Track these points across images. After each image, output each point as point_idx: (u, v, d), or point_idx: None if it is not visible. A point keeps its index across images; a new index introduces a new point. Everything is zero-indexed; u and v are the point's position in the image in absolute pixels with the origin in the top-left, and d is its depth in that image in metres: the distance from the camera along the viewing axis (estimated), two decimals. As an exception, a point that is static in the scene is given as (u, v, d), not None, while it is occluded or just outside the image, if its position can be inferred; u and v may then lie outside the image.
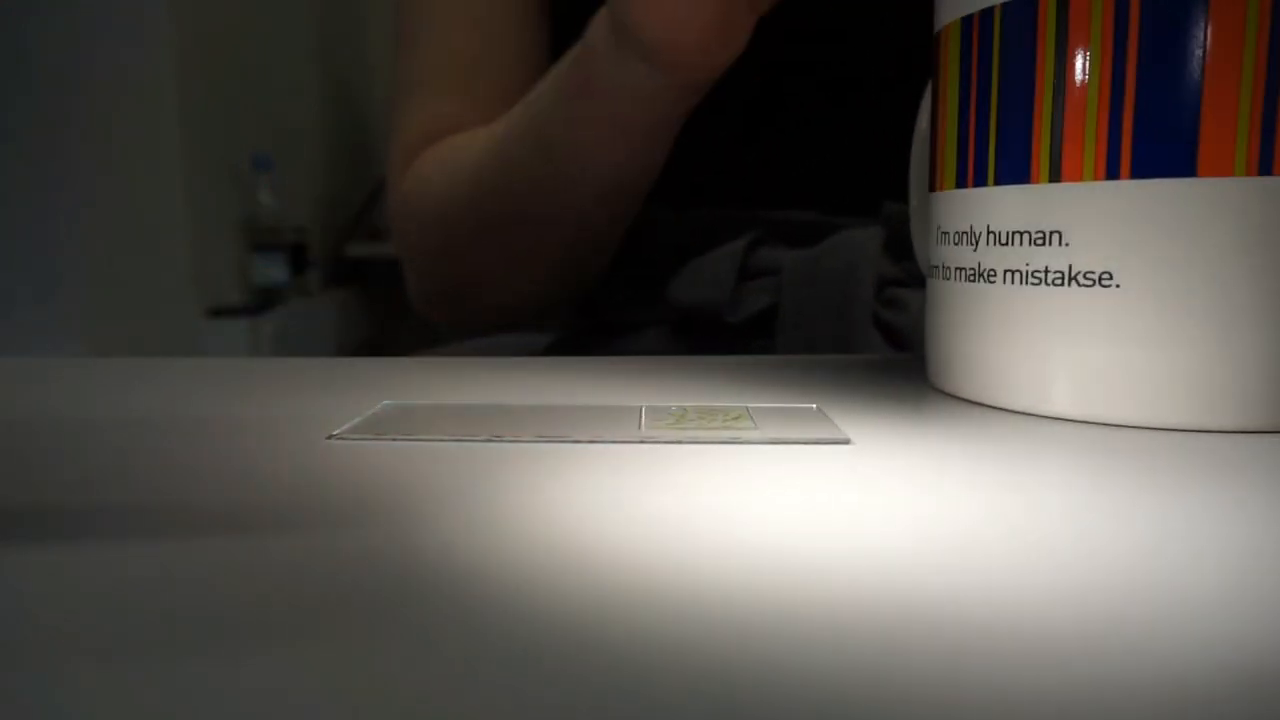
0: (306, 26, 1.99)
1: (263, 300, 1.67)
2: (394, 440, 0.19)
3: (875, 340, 0.38)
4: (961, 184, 0.22)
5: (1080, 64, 0.19)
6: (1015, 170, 0.21)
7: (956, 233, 0.23)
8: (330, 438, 0.19)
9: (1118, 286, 0.19)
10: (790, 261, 0.41)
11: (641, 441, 0.18)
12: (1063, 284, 0.20)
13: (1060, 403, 0.20)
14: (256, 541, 0.12)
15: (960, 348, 0.23)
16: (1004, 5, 0.20)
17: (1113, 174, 0.19)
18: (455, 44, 0.47)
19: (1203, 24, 0.18)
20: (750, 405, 0.22)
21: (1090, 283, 0.19)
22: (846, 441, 0.18)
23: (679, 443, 0.18)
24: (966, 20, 0.22)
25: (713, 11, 0.32)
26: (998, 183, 0.21)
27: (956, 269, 0.23)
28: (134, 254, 1.33)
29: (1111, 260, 0.19)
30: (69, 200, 1.21)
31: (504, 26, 0.47)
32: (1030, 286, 0.20)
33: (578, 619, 0.10)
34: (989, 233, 0.21)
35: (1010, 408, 0.22)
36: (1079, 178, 0.19)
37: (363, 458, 0.17)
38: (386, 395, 0.24)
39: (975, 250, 0.22)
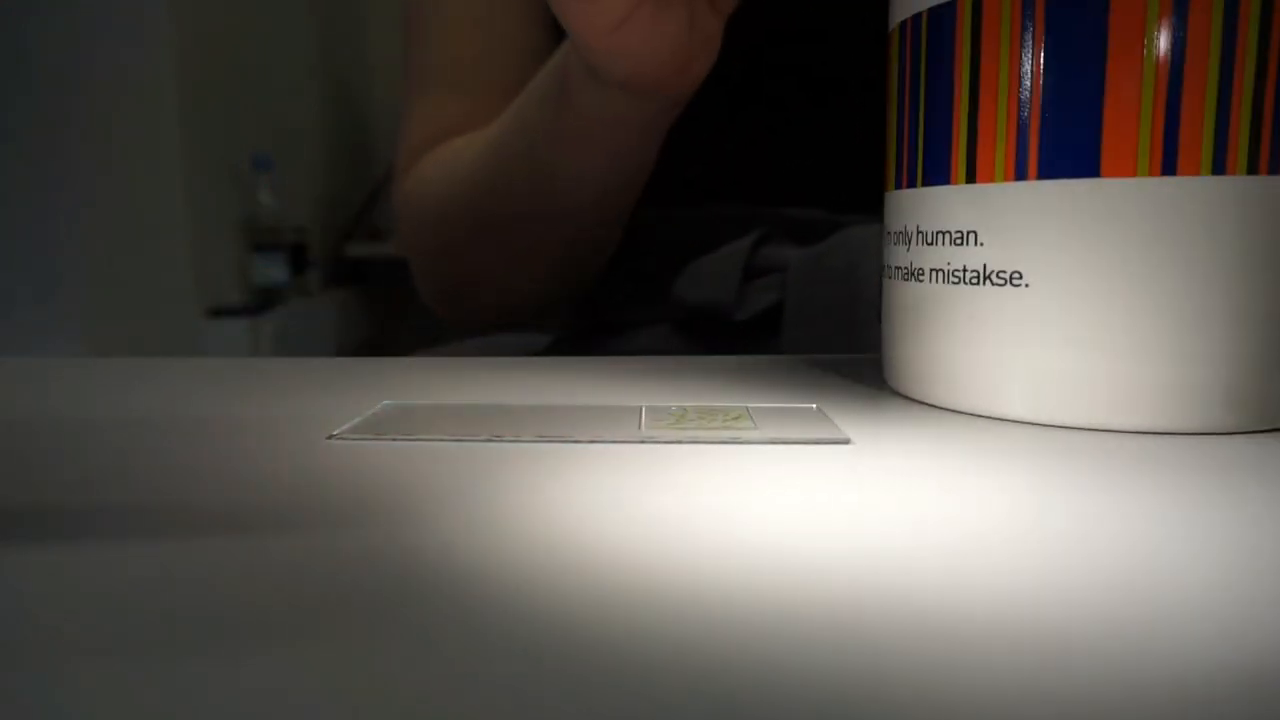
0: (306, 26, 1.99)
1: (263, 300, 1.67)
2: (394, 440, 0.19)
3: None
4: (899, 185, 0.23)
5: (990, 67, 0.19)
6: (938, 171, 0.21)
7: (895, 233, 0.23)
8: (330, 438, 0.19)
9: (1027, 286, 0.19)
10: (795, 260, 0.41)
11: (641, 441, 0.18)
12: (979, 283, 0.20)
13: (986, 401, 0.21)
14: (256, 541, 0.12)
15: (897, 346, 0.23)
16: (929, 11, 0.21)
17: (1021, 175, 0.19)
18: (459, 45, 0.47)
19: (1104, 27, 0.18)
20: (750, 405, 0.22)
21: (1002, 282, 0.20)
22: (846, 441, 0.18)
23: (679, 443, 0.18)
24: (903, 25, 0.22)
25: (676, 39, 0.31)
26: (925, 184, 0.21)
27: (895, 268, 0.23)
28: (134, 254, 1.33)
29: (1021, 260, 0.19)
30: (69, 200, 1.21)
31: (507, 27, 0.47)
32: (951, 285, 0.21)
33: (578, 619, 0.10)
34: (918, 232, 0.22)
35: (938, 404, 0.22)
36: (991, 178, 0.20)
37: (363, 458, 0.17)
38: (386, 395, 0.24)
39: (909, 250, 0.22)
